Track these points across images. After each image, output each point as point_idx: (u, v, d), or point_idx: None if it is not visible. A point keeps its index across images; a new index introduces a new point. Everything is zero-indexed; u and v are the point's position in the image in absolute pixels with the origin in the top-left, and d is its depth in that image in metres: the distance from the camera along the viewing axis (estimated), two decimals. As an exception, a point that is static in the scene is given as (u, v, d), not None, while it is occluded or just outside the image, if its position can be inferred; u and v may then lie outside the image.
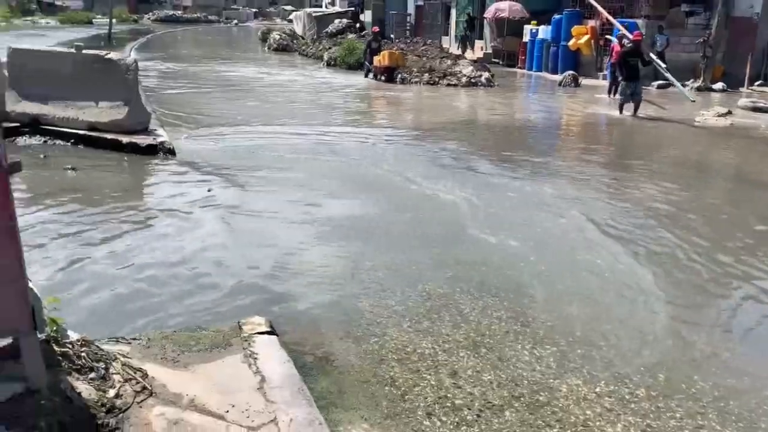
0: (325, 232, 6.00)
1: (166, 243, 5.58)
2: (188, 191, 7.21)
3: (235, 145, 9.80)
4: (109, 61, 9.21)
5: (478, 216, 6.74)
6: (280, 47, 32.82)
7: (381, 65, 19.95)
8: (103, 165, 8.27)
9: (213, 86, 17.24)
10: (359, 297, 4.63)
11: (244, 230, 6.00)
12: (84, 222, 6.03)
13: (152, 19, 74.33)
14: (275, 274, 4.99)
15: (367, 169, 8.62)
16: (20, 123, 9.19)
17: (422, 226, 6.30)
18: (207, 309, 4.34)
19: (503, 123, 13.67)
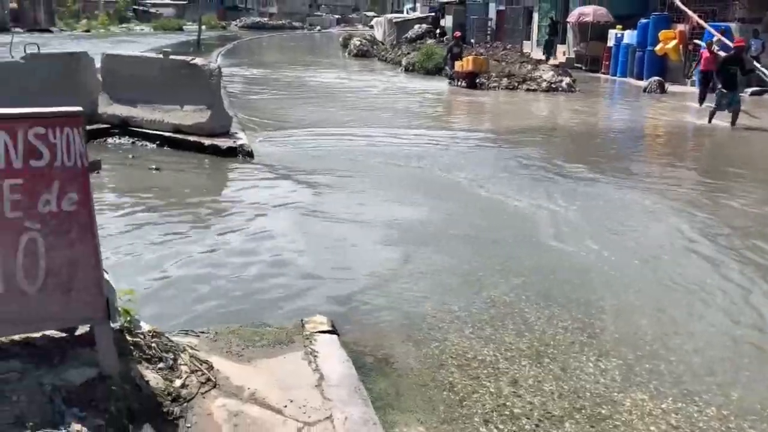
0: (393, 235, 6.05)
1: (238, 240, 5.77)
2: (263, 192, 7.43)
3: (310, 148, 10.02)
4: (194, 66, 9.62)
5: (553, 224, 6.63)
6: (360, 53, 33.27)
7: (463, 70, 19.60)
8: (185, 165, 8.63)
9: (293, 91, 17.67)
10: (422, 301, 4.65)
11: (314, 231, 6.13)
12: (163, 219, 6.33)
13: (239, 26, 76.87)
14: (340, 275, 5.08)
15: (440, 174, 8.63)
16: (111, 125, 9.72)
17: (493, 233, 6.25)
18: (272, 305, 4.47)
19: (584, 129, 13.36)
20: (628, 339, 4.18)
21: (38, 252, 2.65)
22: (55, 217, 2.66)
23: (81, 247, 2.69)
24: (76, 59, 9.70)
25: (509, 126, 13.25)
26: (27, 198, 2.61)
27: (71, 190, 2.69)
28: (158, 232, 5.93)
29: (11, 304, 2.61)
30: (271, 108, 14.31)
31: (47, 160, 2.64)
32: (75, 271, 2.68)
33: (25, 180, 2.60)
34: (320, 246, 5.74)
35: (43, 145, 2.63)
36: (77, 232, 2.69)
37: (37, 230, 2.64)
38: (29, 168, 2.61)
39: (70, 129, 2.69)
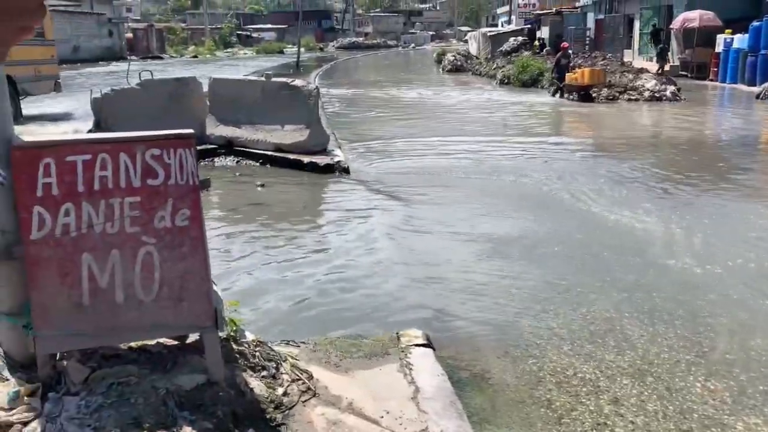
0: (488, 249, 6.02)
1: (334, 254, 5.92)
2: (358, 207, 7.59)
3: (405, 163, 10.14)
4: (294, 87, 9.99)
5: (658, 238, 6.38)
6: (453, 68, 33.37)
7: (577, 83, 18.76)
8: (286, 182, 8.95)
9: (387, 108, 17.94)
10: (519, 317, 4.60)
11: (408, 245, 6.20)
12: (266, 233, 6.59)
13: (336, 47, 79.03)
14: (436, 290, 5.11)
15: (538, 187, 8.49)
16: (217, 145, 10.23)
17: (592, 248, 6.09)
18: (368, 317, 4.56)
19: (691, 139, 12.75)
20: (740, 359, 3.96)
21: (154, 264, 2.85)
22: (169, 232, 2.86)
23: (192, 259, 2.87)
24: (185, 84, 10.31)
25: (611, 137, 12.86)
26: (144, 214, 2.82)
27: (184, 206, 2.88)
28: (262, 245, 6.18)
29: (130, 313, 2.83)
30: (366, 125, 14.60)
31: (162, 179, 2.84)
32: (186, 282, 2.87)
33: (142, 198, 2.82)
34: (415, 259, 5.79)
35: (159, 165, 2.84)
36: (189, 246, 2.88)
37: (153, 244, 2.84)
38: (146, 186, 2.82)
39: (183, 150, 2.89)
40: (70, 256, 2.75)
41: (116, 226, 2.80)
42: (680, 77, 23.05)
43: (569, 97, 18.91)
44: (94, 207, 2.77)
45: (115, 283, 2.82)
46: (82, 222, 2.76)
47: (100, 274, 2.80)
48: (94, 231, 2.78)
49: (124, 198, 2.80)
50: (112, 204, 2.79)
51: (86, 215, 2.76)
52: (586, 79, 18.50)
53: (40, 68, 13.82)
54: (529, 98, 20.02)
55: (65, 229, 2.74)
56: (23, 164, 2.67)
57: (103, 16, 50.87)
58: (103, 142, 2.82)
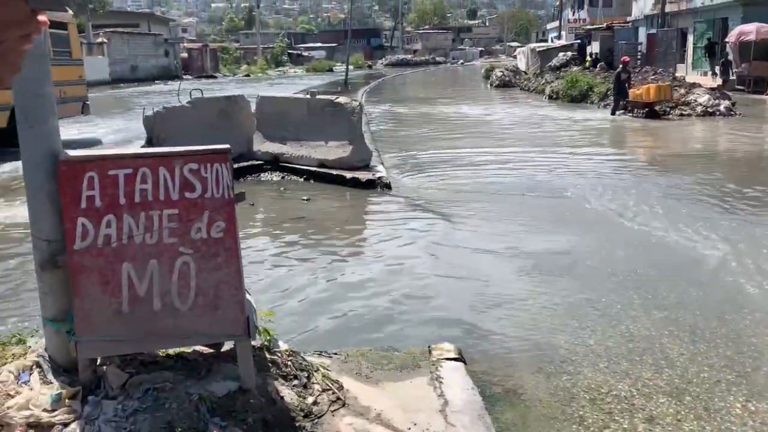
0: (527, 267, 5.98)
1: (375, 267, 5.98)
2: (399, 222, 7.65)
3: (448, 179, 10.16)
4: (338, 104, 10.15)
5: (706, 257, 6.24)
6: (501, 83, 33.27)
7: (641, 99, 18.05)
8: (329, 197, 9.08)
9: (433, 125, 18.01)
10: (555, 333, 4.56)
11: (448, 261, 6.22)
12: (309, 246, 6.71)
13: (385, 64, 79.74)
14: (473, 305, 5.11)
15: (583, 204, 8.40)
16: (263, 161, 10.46)
17: (635, 265, 5.99)
18: (402, 331, 4.59)
19: (746, 155, 12.41)
20: (784, 381, 3.83)
21: (190, 274, 2.96)
22: (205, 243, 2.97)
23: (226, 269, 2.98)
24: (234, 102, 10.59)
25: (661, 153, 12.63)
26: (182, 226, 2.94)
27: (219, 218, 2.99)
28: (303, 257, 6.30)
29: (167, 320, 2.94)
30: (410, 141, 14.69)
31: (199, 192, 2.96)
32: (221, 291, 2.97)
33: (180, 210, 2.94)
34: (454, 274, 5.81)
35: (196, 179, 2.95)
36: (224, 257, 2.98)
37: (189, 254, 2.96)
38: (184, 199, 2.94)
39: (219, 164, 3.00)
40: (111, 266, 2.89)
41: (155, 237, 2.93)
42: (736, 92, 22.43)
43: (632, 114, 18.22)
44: (134, 218, 2.90)
45: (153, 291, 2.94)
46: (123, 233, 2.89)
47: (139, 283, 2.93)
48: (134, 241, 2.91)
49: (162, 210, 2.93)
50: (152, 216, 2.92)
51: (127, 226, 2.90)
52: (651, 95, 17.78)
53: (66, 90, 13.18)
54: (580, 114, 19.79)
55: (107, 239, 2.88)
56: (69, 177, 2.83)
57: (160, 36, 52.70)
58: (144, 156, 2.96)
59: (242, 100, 10.82)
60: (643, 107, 17.96)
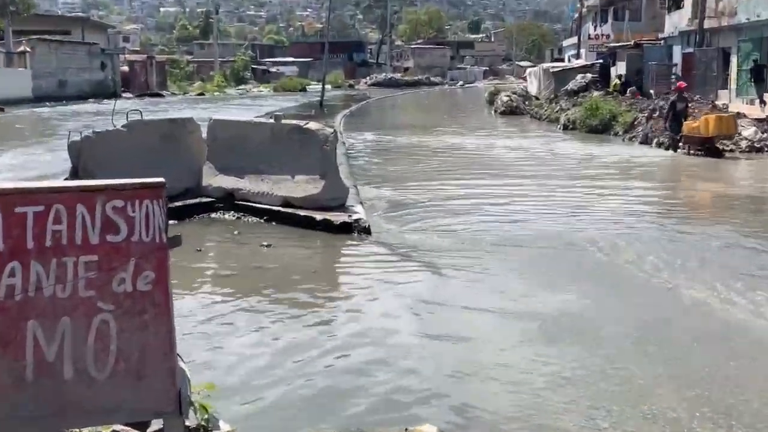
0: (531, 330, 6.01)
1: (345, 330, 5.97)
2: (378, 275, 7.67)
3: (440, 224, 10.24)
4: (308, 131, 10.27)
5: (747, 324, 6.29)
6: (508, 109, 33.84)
7: (699, 134, 17.60)
8: (294, 243, 9.10)
9: (425, 159, 18.22)
10: (562, 413, 4.56)
11: (434, 322, 6.24)
12: (265, 303, 6.70)
13: (369, 84, 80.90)
14: (462, 377, 5.11)
15: (599, 257, 8.48)
16: (215, 198, 10.49)
17: (660, 331, 6.04)
18: (375, 409, 4.57)
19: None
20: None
21: (110, 335, 2.96)
22: (129, 297, 2.98)
23: (155, 330, 2.98)
24: (180, 126, 10.69)
25: (698, 195, 12.80)
26: (102, 276, 2.95)
27: (148, 267, 3.00)
28: (256, 317, 6.29)
29: (80, 392, 2.92)
30: (396, 177, 14.82)
31: (124, 235, 2.98)
32: (147, 357, 2.97)
33: (100, 256, 2.95)
34: (440, 340, 5.82)
35: (121, 219, 2.98)
36: (152, 314, 2.99)
37: (110, 311, 2.96)
38: (105, 243, 2.96)
39: (150, 201, 3.03)
40: (14, 323, 2.88)
41: (68, 289, 2.93)
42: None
43: (689, 152, 17.97)
44: (44, 266, 2.91)
45: (64, 355, 2.93)
46: (30, 284, 2.89)
47: (47, 345, 2.92)
48: (43, 294, 2.91)
49: (79, 256, 2.94)
50: (65, 263, 2.93)
51: (34, 276, 2.90)
52: (711, 129, 17.28)
53: None
54: (605, 149, 20.05)
55: (9, 291, 2.87)
56: (-36, 215, 2.84)
57: (96, 46, 53.20)
58: (59, 191, 2.97)
59: (191, 124, 10.91)
60: (701, 143, 17.54)
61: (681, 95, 19.30)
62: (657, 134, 20.77)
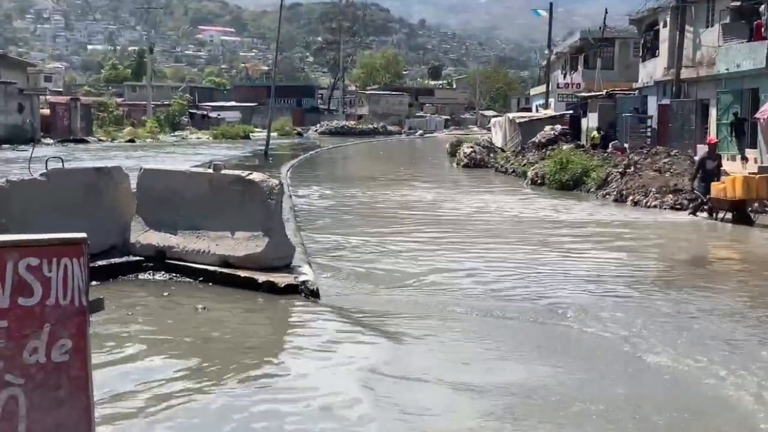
0: (500, 407, 5.98)
1: (284, 413, 5.86)
2: (326, 344, 7.58)
3: (396, 288, 10.24)
4: (250, 182, 10.23)
5: (734, 400, 6.35)
6: (472, 162, 34.37)
7: (726, 197, 16.98)
8: (231, 307, 8.97)
9: (376, 215, 18.33)
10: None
11: (391, 398, 6.16)
12: (196, 378, 6.55)
13: (319, 132, 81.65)
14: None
15: (573, 326, 8.54)
16: (144, 257, 10.35)
17: (641, 408, 6.06)
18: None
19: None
20: None
21: (19, 413, 2.86)
22: (42, 370, 2.89)
23: (70, 407, 2.90)
24: (106, 175, 10.56)
25: (678, 259, 13.03)
26: (11, 344, 2.87)
27: (65, 335, 2.93)
28: (188, 394, 6.14)
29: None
30: (350, 235, 14.84)
31: (38, 298, 2.91)
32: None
33: (10, 322, 2.87)
34: (399, 418, 5.75)
35: (36, 280, 2.91)
36: (68, 389, 2.91)
37: (19, 385, 2.87)
38: (16, 307, 2.88)
39: (69, 260, 2.98)
40: None
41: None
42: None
43: (715, 218, 17.53)
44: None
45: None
46: (-74, 353, 2.80)
47: (-57, 425, 2.81)
48: (-59, 365, 2.82)
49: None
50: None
51: (-68, 344, 2.81)
52: (738, 191, 16.62)
53: None
54: (575, 205, 20.37)
55: None
56: None
57: (12, 86, 52.74)
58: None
59: (118, 174, 10.80)
60: (731, 207, 17.01)
61: (712, 152, 18.77)
62: (632, 191, 21.23)
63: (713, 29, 32.46)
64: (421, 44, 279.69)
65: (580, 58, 54.25)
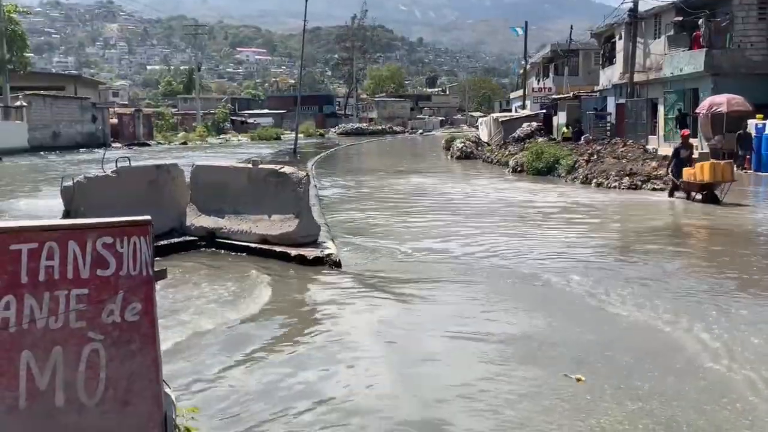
0: (490, 351, 5.97)
1: (309, 364, 5.87)
2: (347, 306, 7.58)
3: (406, 257, 10.22)
4: (282, 174, 10.22)
5: (685, 342, 6.32)
6: (463, 155, 34.21)
7: (695, 180, 16.67)
8: (269, 275, 8.97)
9: (388, 198, 18.25)
10: (519, 428, 4.51)
11: (398, 345, 6.16)
12: (236, 332, 6.57)
13: (338, 133, 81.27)
14: (425, 394, 5.03)
15: (551, 284, 8.50)
16: (198, 237, 10.37)
17: (606, 351, 6.02)
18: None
19: (730, 233, 12.80)
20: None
21: (99, 363, 2.87)
22: (117, 328, 2.90)
23: (141, 358, 2.90)
24: (165, 171, 10.57)
25: (634, 230, 12.96)
26: (92, 308, 2.87)
27: (135, 299, 2.93)
28: (238, 344, 6.16)
29: (70, 418, 2.82)
30: (365, 216, 14.82)
31: (113, 269, 2.91)
32: (134, 384, 2.88)
33: (90, 290, 2.87)
34: (407, 360, 5.75)
35: (110, 255, 2.91)
36: (138, 344, 2.91)
37: (99, 341, 2.88)
38: (95, 277, 2.88)
39: (137, 238, 2.97)
40: (8, 354, 2.78)
41: (60, 321, 2.84)
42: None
43: (688, 198, 17.07)
44: (37, 299, 2.82)
45: (55, 383, 2.83)
46: (24, 316, 2.80)
47: (39, 374, 2.82)
48: (36, 326, 2.82)
49: (70, 290, 2.86)
50: (58, 296, 2.84)
51: (28, 308, 2.81)
52: (705, 175, 16.43)
53: None
54: (549, 187, 20.28)
55: (4, 323, 2.78)
56: (-39, 253, 2.75)
57: (87, 100, 52.72)
58: (51, 229, 2.90)
59: (175, 170, 10.82)
60: (700, 189, 16.71)
61: (686, 142, 18.28)
62: (595, 175, 21.10)
63: (660, 40, 32.25)
64: (419, 58, 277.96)
65: (551, 66, 54.00)
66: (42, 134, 44.97)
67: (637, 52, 33.06)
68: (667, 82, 30.74)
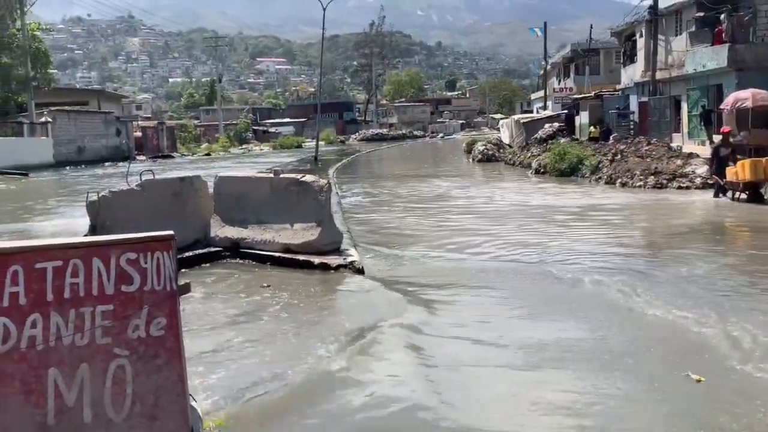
0: (520, 356, 5.92)
1: (335, 367, 5.85)
2: (371, 312, 7.54)
3: (428, 264, 10.18)
4: (304, 183, 10.25)
5: (718, 341, 6.21)
6: (484, 157, 34.08)
7: (738, 179, 16.06)
8: (294, 284, 8.98)
9: (410, 204, 18.23)
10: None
11: (425, 352, 6.13)
12: (260, 342, 6.57)
13: (358, 139, 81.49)
14: (450, 400, 5.00)
15: (583, 289, 8.41)
16: (222, 247, 10.42)
17: (635, 351, 5.95)
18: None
19: (759, 232, 12.61)
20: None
21: (126, 379, 2.89)
22: (143, 343, 2.91)
23: (167, 373, 2.91)
24: (189, 183, 10.65)
25: (661, 231, 12.81)
26: (117, 324, 2.89)
27: (160, 314, 2.95)
28: (259, 354, 6.17)
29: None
30: (387, 222, 14.81)
31: (138, 285, 2.93)
32: (160, 398, 2.89)
33: (115, 306, 2.90)
34: (431, 365, 5.72)
35: (134, 270, 2.93)
36: (164, 358, 2.93)
37: (125, 356, 2.90)
38: (120, 293, 2.91)
39: (161, 253, 2.99)
40: (36, 371, 2.81)
41: (86, 338, 2.87)
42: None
43: (735, 197, 16.36)
44: (63, 317, 2.85)
45: (83, 400, 2.86)
46: (50, 333, 2.83)
47: (67, 391, 2.84)
48: (63, 343, 2.85)
49: (95, 306, 2.89)
50: (83, 313, 2.87)
51: (54, 326, 2.84)
52: (747, 174, 15.80)
53: None
54: (573, 188, 20.10)
55: (31, 341, 2.81)
56: (-11, 272, 2.78)
57: (111, 114, 53.39)
58: (75, 246, 2.93)
59: (198, 182, 10.89)
60: (743, 188, 16.07)
61: (725, 139, 17.57)
62: (619, 175, 20.91)
63: (682, 37, 31.86)
64: (438, 62, 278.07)
65: (571, 66, 53.67)
66: (67, 149, 45.58)
67: (659, 49, 32.72)
68: (690, 79, 30.35)
